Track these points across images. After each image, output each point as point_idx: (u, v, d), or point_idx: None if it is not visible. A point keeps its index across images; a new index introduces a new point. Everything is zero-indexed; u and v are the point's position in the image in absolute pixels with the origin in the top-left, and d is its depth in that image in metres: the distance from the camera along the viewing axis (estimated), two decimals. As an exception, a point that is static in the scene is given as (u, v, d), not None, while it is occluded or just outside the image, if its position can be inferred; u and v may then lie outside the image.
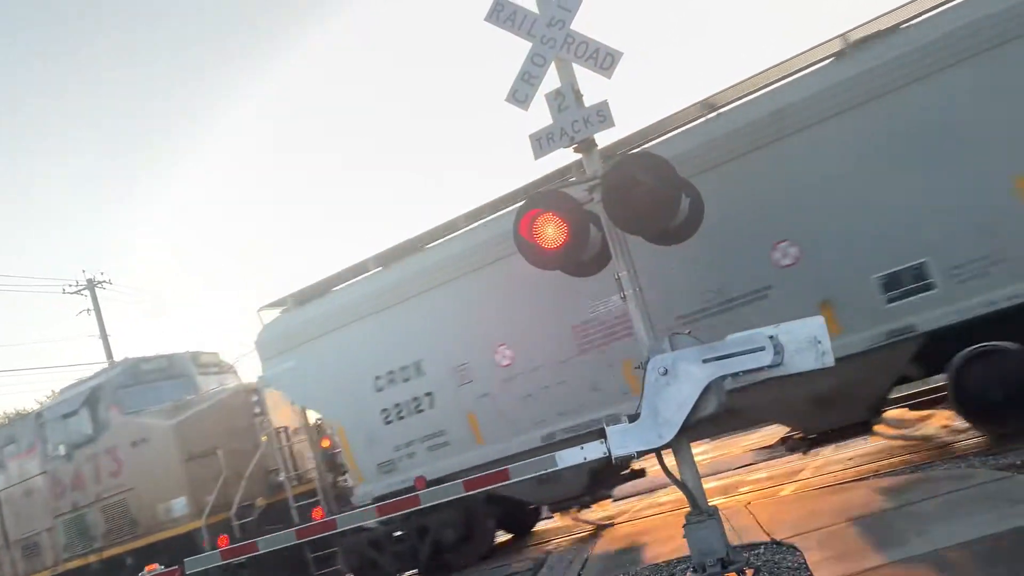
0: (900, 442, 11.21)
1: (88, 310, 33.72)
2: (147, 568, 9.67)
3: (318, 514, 9.90)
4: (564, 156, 7.69)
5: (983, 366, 8.78)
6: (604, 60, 7.12)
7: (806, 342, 6.36)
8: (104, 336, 33.53)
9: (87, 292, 33.79)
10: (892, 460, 10.22)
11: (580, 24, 7.28)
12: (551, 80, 7.44)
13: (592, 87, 7.34)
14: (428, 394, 11.37)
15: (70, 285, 33.44)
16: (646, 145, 10.11)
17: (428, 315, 11.32)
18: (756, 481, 11.61)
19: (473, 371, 11.02)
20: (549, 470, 7.08)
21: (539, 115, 7.41)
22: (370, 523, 10.29)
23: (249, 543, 8.57)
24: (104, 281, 34.33)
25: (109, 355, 33.33)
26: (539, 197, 7.60)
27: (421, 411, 11.38)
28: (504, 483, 7.45)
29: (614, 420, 6.79)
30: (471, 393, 11.03)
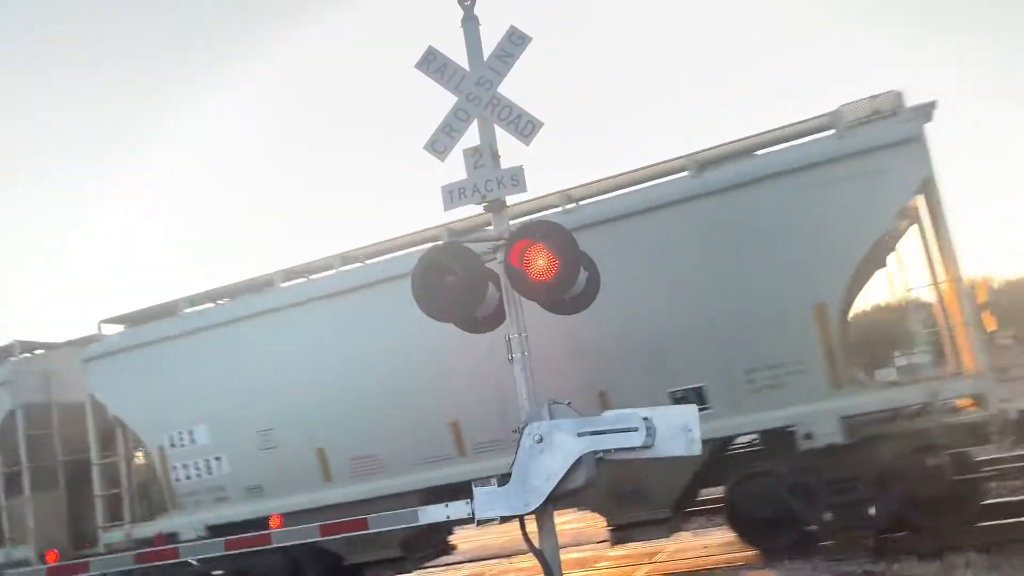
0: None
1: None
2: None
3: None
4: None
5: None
6: (525, 127, 7.28)
7: (678, 428, 6.53)
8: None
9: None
10: (744, 554, 10.50)
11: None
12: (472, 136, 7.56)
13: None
14: None
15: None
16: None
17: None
18: (614, 558, 11.70)
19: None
20: (412, 525, 6.97)
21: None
22: (193, 559, 9.31)
23: (81, 563, 8.03)
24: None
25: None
26: (444, 247, 7.61)
27: None
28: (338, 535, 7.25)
29: (483, 481, 6.77)
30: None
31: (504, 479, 6.73)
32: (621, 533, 9.58)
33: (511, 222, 7.81)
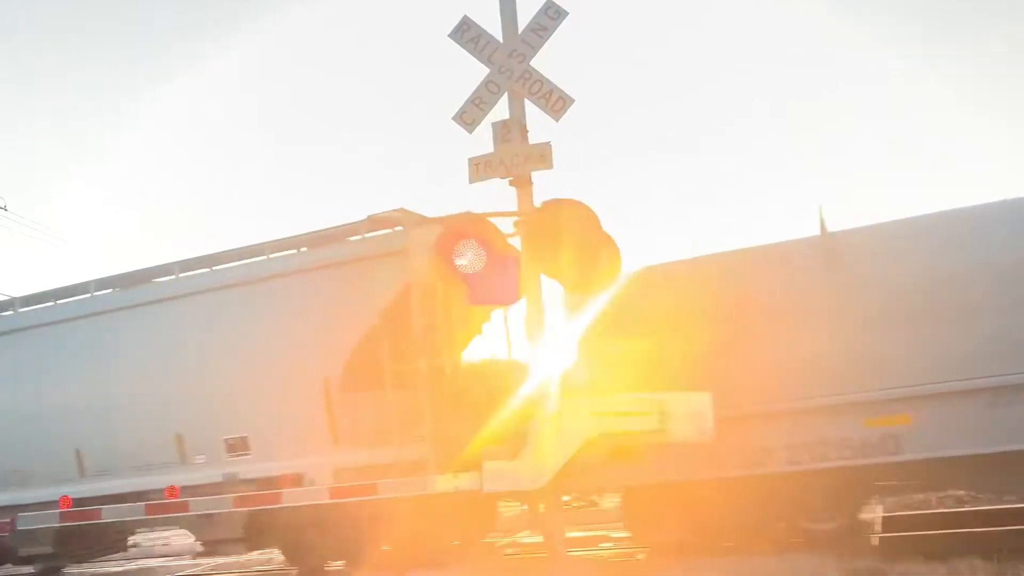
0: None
1: (-26, 233, 31.77)
2: None
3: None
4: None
5: None
6: (555, 103, 7.22)
7: (691, 415, 6.54)
8: (-15, 263, 31.58)
9: (-22, 215, 31.80)
10: (745, 543, 10.51)
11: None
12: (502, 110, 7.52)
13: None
14: None
15: (-41, 203, 31.47)
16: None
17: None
18: (616, 540, 11.76)
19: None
20: (421, 492, 7.04)
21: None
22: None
23: (92, 510, 8.16)
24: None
25: (-14, 284, 31.40)
26: (465, 219, 7.59)
27: None
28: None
29: (493, 455, 6.80)
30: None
31: (515, 454, 6.75)
32: (209, 547, 10.53)
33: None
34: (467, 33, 7.55)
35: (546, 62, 7.41)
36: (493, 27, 7.58)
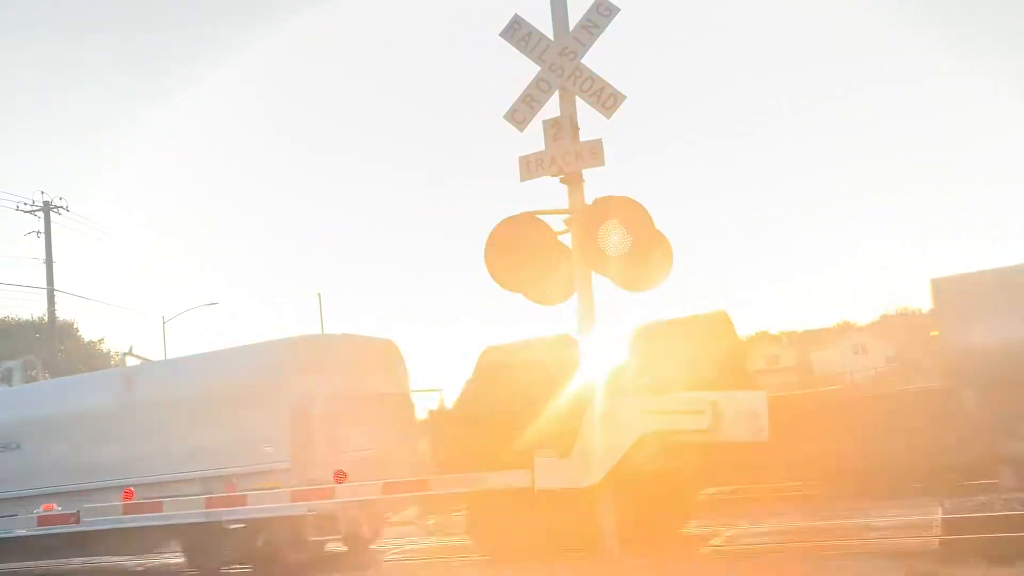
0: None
1: (38, 232, 32.84)
2: (44, 507, 9.38)
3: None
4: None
5: None
6: (607, 99, 7.19)
7: (745, 414, 6.45)
8: (49, 262, 32.69)
9: (41, 214, 32.91)
10: (800, 544, 10.35)
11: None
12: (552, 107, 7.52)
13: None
14: None
15: (25, 203, 32.61)
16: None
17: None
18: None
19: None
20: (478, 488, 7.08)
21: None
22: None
23: (153, 503, 8.38)
24: (61, 207, 33.52)
25: (50, 281, 32.53)
26: (519, 219, 7.60)
27: None
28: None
29: (545, 452, 6.81)
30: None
31: (566, 451, 6.75)
32: None
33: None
34: (519, 32, 7.56)
35: (596, 60, 7.40)
36: (541, 25, 7.58)
